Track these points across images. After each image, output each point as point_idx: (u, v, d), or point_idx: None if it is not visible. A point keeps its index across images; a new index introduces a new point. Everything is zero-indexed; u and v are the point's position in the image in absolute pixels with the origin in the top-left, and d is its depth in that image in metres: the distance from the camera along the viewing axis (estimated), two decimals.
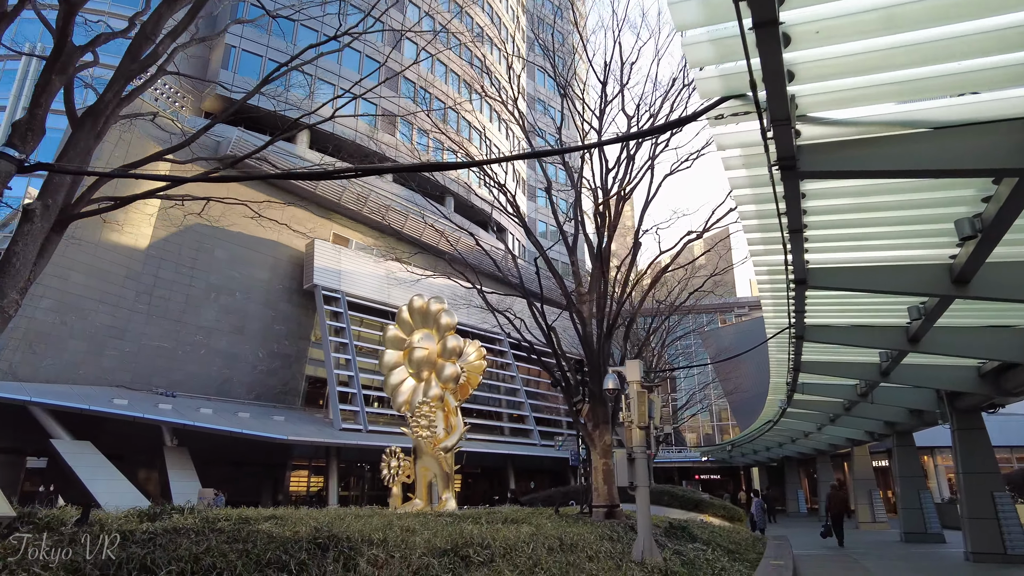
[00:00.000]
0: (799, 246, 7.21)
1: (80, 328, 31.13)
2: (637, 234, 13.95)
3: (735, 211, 9.01)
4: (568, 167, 14.18)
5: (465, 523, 8.02)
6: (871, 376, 13.59)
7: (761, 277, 9.24)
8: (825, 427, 24.08)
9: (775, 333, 11.44)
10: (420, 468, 27.85)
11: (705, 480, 56.06)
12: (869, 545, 19.35)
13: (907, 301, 9.43)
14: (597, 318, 12.96)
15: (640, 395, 8.41)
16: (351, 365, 38.52)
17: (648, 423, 8.53)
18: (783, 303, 9.97)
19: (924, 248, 7.76)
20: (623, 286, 13.63)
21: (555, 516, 11.56)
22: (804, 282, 8.16)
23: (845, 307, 10.38)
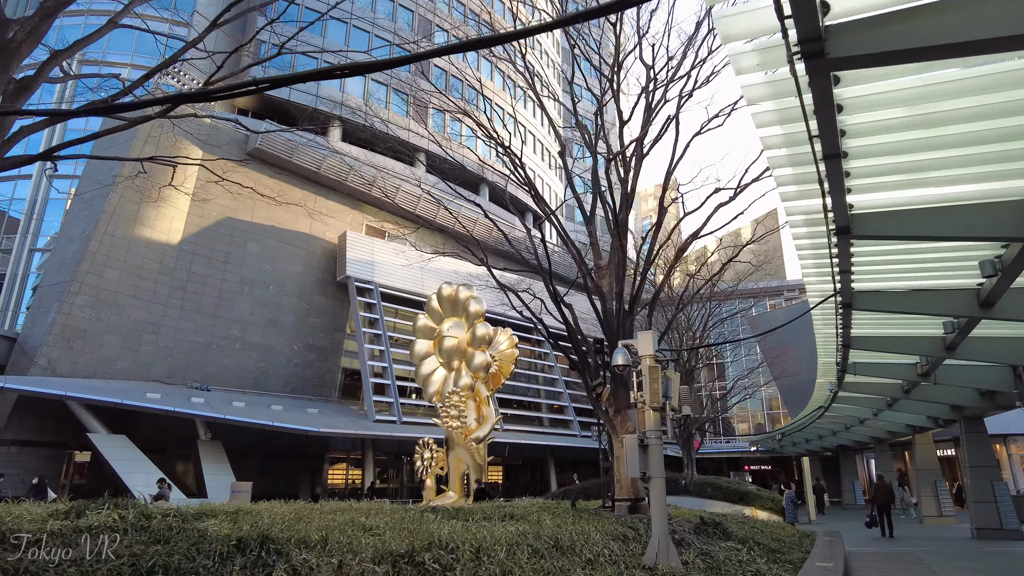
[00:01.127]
0: (838, 181, 5.84)
1: (116, 324, 31.49)
2: (662, 201, 12.59)
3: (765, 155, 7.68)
4: (581, 125, 12.82)
5: (451, 520, 6.96)
6: (934, 352, 11.91)
7: (798, 231, 7.86)
8: (882, 412, 22.10)
9: (818, 302, 9.97)
10: (453, 459, 27.11)
11: (755, 471, 53.77)
12: (935, 542, 17.48)
13: (978, 254, 7.88)
14: (616, 291, 11.70)
15: (652, 371, 7.18)
16: (385, 356, 38.07)
17: (663, 404, 7.30)
18: (825, 264, 8.55)
19: (1000, 180, 6.27)
20: (647, 257, 12.35)
21: (571, 511, 10.40)
22: (847, 231, 6.76)
23: (900, 266, 8.87)
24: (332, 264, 41.32)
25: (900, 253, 8.26)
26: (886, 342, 12.36)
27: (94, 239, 30.82)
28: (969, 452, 19.00)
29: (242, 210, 37.91)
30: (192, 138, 36.44)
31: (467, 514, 8.03)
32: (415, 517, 7.01)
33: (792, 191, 6.70)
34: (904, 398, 17.78)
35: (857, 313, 11.20)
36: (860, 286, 9.54)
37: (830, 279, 9.00)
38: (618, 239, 11.79)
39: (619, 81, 12.37)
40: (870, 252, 8.32)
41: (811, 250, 8.36)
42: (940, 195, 6.52)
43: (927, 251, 8.09)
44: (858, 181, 6.30)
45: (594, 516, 9.75)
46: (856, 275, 9.14)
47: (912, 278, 9.16)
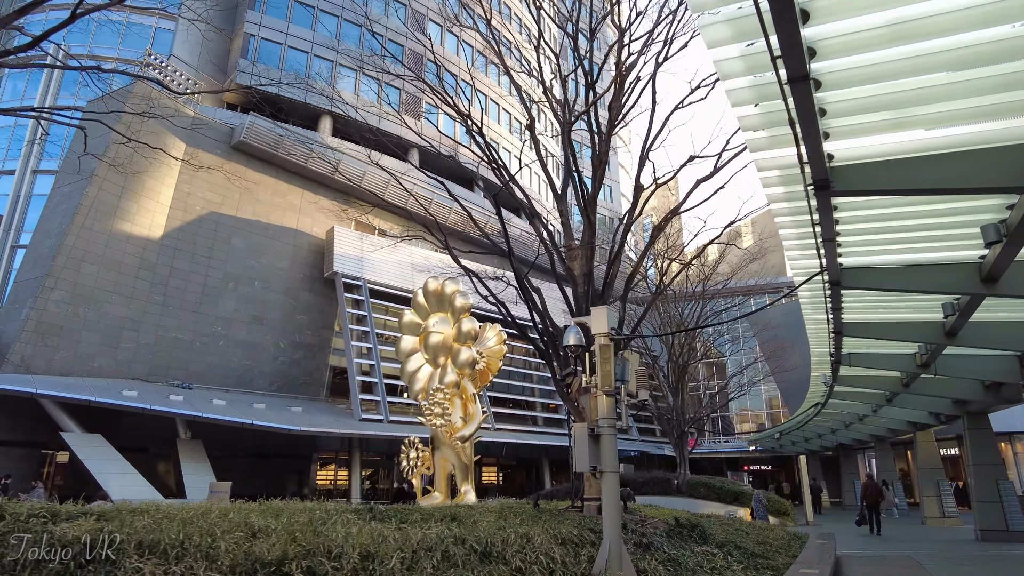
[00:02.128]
0: (811, 117, 4.89)
1: (94, 320, 30.66)
2: (638, 179, 11.64)
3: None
4: (548, 92, 11.80)
5: (373, 523, 6.04)
6: (933, 338, 10.96)
7: (773, 192, 6.92)
8: (882, 409, 21.12)
9: (803, 281, 9.02)
10: (439, 459, 26.19)
11: (755, 471, 52.74)
12: (937, 545, 16.50)
13: (980, 219, 6.92)
14: (585, 272, 10.74)
15: (604, 350, 6.26)
16: (373, 354, 37.18)
17: (618, 388, 6.39)
18: (808, 234, 7.62)
19: (1003, 117, 5.30)
20: (621, 239, 11.41)
21: (534, 511, 9.47)
22: (827, 185, 5.82)
23: (891, 235, 7.93)
24: (320, 260, 40.48)
25: (890, 219, 7.32)
26: (881, 328, 11.40)
27: (70, 233, 30.01)
28: (973, 450, 18.01)
29: (227, 204, 37.10)
30: (175, 131, 35.69)
31: (405, 515, 7.09)
32: (335, 519, 6.08)
33: (762, 138, 5.75)
34: (904, 392, 16.81)
35: (848, 295, 10.27)
36: (848, 261, 8.59)
37: (814, 252, 8.06)
38: (587, 215, 10.82)
39: (589, 41, 11.43)
40: (857, 219, 7.39)
41: (790, 216, 7.41)
42: (932, 140, 5.57)
43: (921, 216, 7.14)
44: (836, 122, 5.36)
45: (554, 517, 8.82)
46: (844, 248, 8.21)
47: (906, 250, 8.21)
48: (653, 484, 24.86)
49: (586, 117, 11.18)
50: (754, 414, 57.75)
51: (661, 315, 29.39)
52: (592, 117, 11.01)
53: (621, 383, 6.43)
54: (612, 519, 6.08)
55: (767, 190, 6.77)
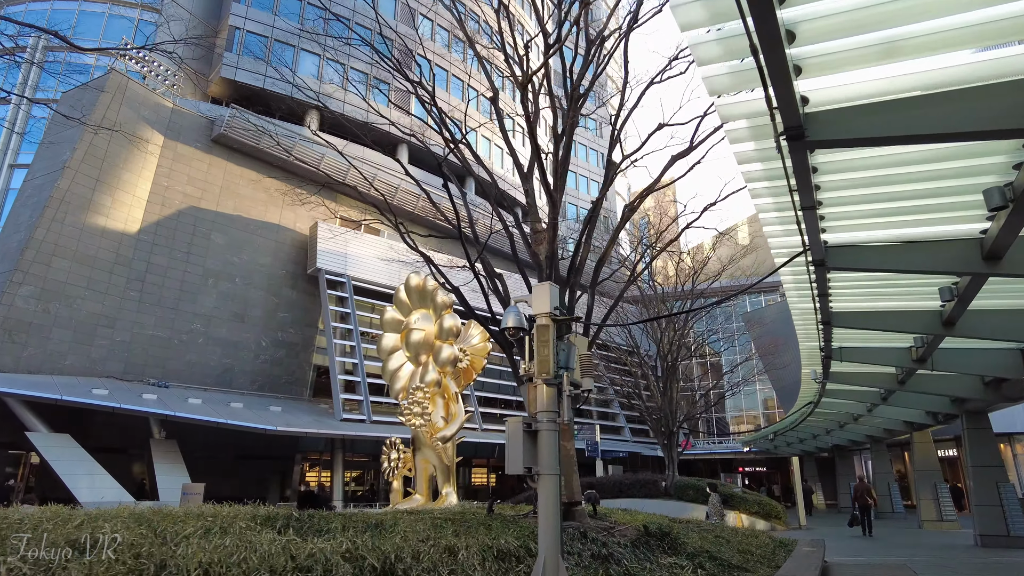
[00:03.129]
0: (777, 50, 3.97)
1: (65, 316, 29.67)
2: (610, 157, 10.71)
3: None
4: (508, 57, 10.76)
5: (263, 532, 5.11)
6: (930, 328, 10.05)
7: (743, 151, 6.00)
8: (877, 408, 20.22)
9: (784, 262, 8.09)
10: (420, 460, 25.24)
11: (750, 473, 51.87)
12: (934, 551, 15.57)
13: (982, 182, 6.00)
14: (548, 255, 9.79)
15: (542, 331, 5.34)
16: (356, 352, 36.24)
17: (559, 376, 5.47)
18: (784, 200, 6.69)
19: None
20: (591, 218, 10.49)
21: (487, 517, 8.59)
22: (801, 135, 4.90)
23: (882, 204, 7.01)
24: (303, 256, 39.53)
25: (880, 184, 6.41)
26: (873, 318, 10.48)
27: (40, 226, 29.04)
28: (972, 451, 17.10)
29: (206, 199, 36.15)
30: (153, 123, 34.78)
31: (323, 524, 6.16)
32: (216, 529, 5.15)
33: (722, 75, 4.82)
34: (900, 390, 15.90)
35: (837, 280, 9.36)
36: (834, 237, 7.68)
37: (795, 228, 7.14)
38: (549, 191, 9.82)
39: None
40: (841, 184, 6.48)
41: (765, 181, 6.49)
42: (926, 76, 4.65)
43: (915, 179, 6.21)
44: (809, 50, 4.44)
45: (504, 525, 7.91)
46: (828, 223, 7.31)
47: (898, 223, 7.30)
48: (640, 486, 23.95)
49: (548, 84, 10.24)
50: (750, 415, 56.84)
51: (650, 312, 28.50)
52: (568, 85, 9.98)
53: (564, 371, 5.52)
54: (549, 531, 5.16)
55: (735, 147, 5.85)
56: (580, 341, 5.75)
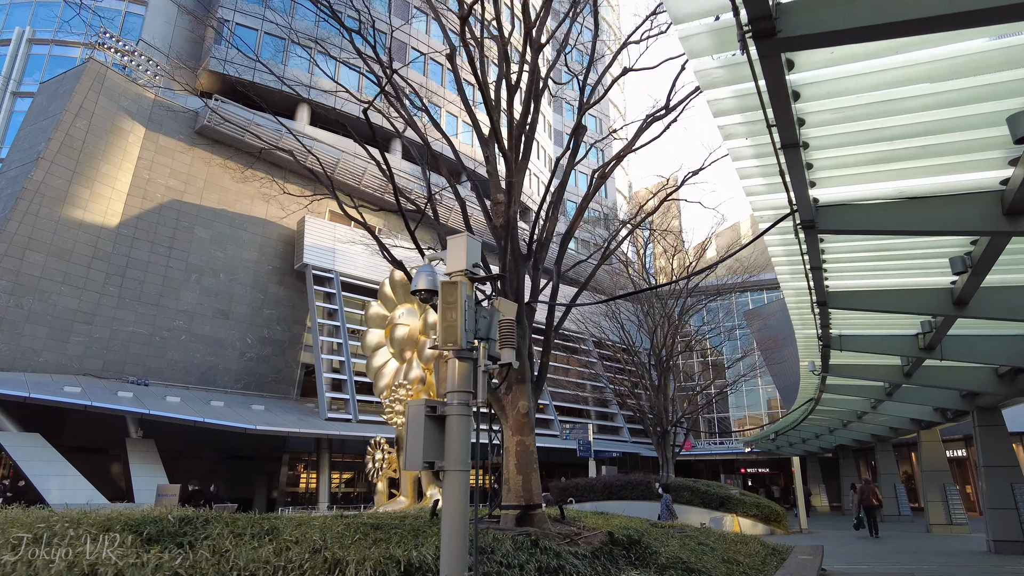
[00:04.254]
0: None
1: (40, 312, 28.71)
2: (579, 122, 9.56)
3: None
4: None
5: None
6: (939, 308, 8.88)
7: (701, 68, 4.86)
8: (882, 404, 19.02)
9: (768, 227, 6.95)
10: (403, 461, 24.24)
11: (752, 474, 50.56)
12: (943, 558, 14.36)
13: (1000, 108, 4.86)
14: (502, 223, 8.62)
15: (450, 291, 4.21)
16: (343, 350, 35.19)
17: (472, 348, 4.36)
18: (764, 142, 5.56)
19: None
20: (559, 189, 9.35)
21: (429, 523, 7.47)
22: (771, 32, 3.76)
23: (879, 147, 5.85)
24: (291, 251, 38.51)
25: (876, 116, 5.25)
26: (874, 298, 9.29)
27: (13, 219, 28.08)
28: (984, 450, 15.89)
29: (190, 192, 35.17)
30: (134, 114, 33.83)
31: (198, 529, 5.04)
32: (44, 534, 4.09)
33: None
34: (906, 383, 14.70)
35: (831, 251, 8.22)
36: (825, 193, 6.54)
37: (779, 182, 5.99)
38: (501, 147, 8.56)
39: None
40: (829, 117, 5.33)
41: (739, 114, 5.35)
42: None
43: (923, 106, 5.06)
44: None
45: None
46: (817, 171, 6.16)
47: (900, 174, 6.13)
48: (632, 488, 22.78)
49: (498, 22, 9.03)
50: (753, 415, 55.51)
51: (645, 310, 27.30)
52: (528, 24, 8.78)
53: (483, 341, 4.41)
54: (454, 546, 4.03)
55: (695, 64, 4.72)
56: (506, 306, 4.63)
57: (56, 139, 29.75)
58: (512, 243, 8.52)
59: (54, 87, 32.37)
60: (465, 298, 4.31)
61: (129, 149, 33.10)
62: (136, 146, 33.49)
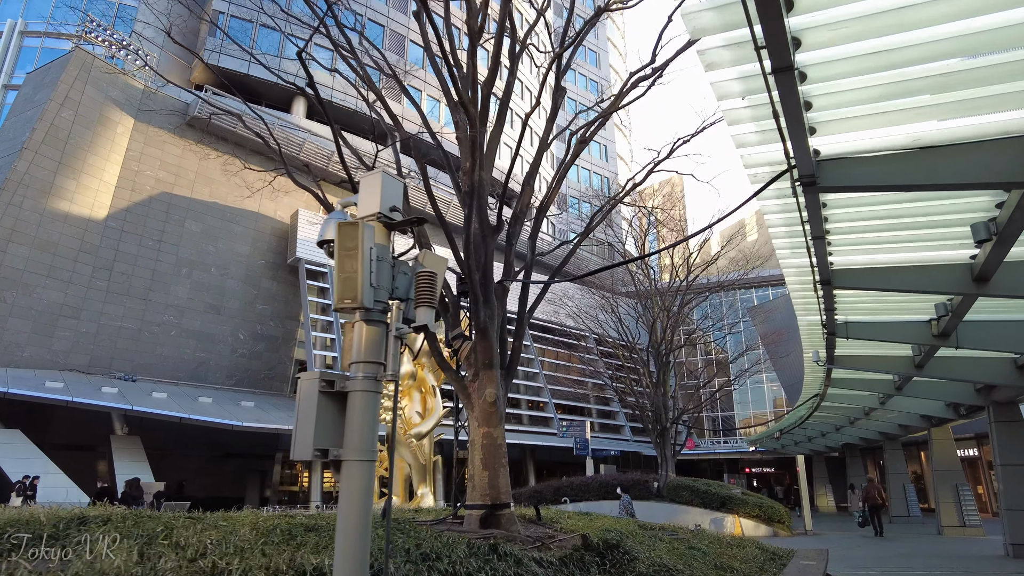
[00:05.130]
0: None
1: (24, 306, 28.04)
2: (558, 80, 8.67)
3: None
4: None
5: None
6: (957, 286, 7.95)
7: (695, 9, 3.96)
8: (891, 400, 18.04)
9: (765, 184, 6.04)
10: (395, 459, 23.54)
11: (757, 473, 49.49)
12: (957, 562, 13.39)
13: None
14: (466, 188, 7.69)
15: (348, 233, 3.30)
16: (336, 345, 34.40)
17: (383, 308, 3.49)
18: (756, 83, 4.67)
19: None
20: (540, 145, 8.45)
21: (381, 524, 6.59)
22: None
23: (885, 84, 4.93)
24: (284, 246, 37.74)
25: (881, 34, 4.34)
26: (884, 275, 8.35)
27: None
28: (1001, 446, 14.91)
29: (180, 185, 34.45)
30: (123, 105, 33.13)
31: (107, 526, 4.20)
32: None
33: None
34: (917, 375, 13.75)
35: (835, 217, 7.29)
36: (828, 143, 5.63)
37: (772, 125, 5.09)
38: (464, 104, 7.61)
39: None
40: (830, 36, 4.41)
41: (721, 34, 4.45)
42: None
43: (950, 6, 4.14)
44: None
45: (393, 534, 5.94)
46: (817, 110, 5.25)
47: (917, 115, 5.21)
48: (628, 487, 21.85)
49: None
50: (758, 414, 54.43)
51: (646, 307, 26.27)
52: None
53: (400, 301, 3.54)
54: (351, 549, 3.17)
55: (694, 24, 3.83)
56: (432, 260, 3.76)
57: (41, 129, 29.08)
58: (480, 213, 7.65)
59: (40, 77, 31.72)
60: (372, 246, 3.43)
61: (117, 140, 32.41)
62: (125, 137, 32.80)
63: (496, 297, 8.13)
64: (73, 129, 30.35)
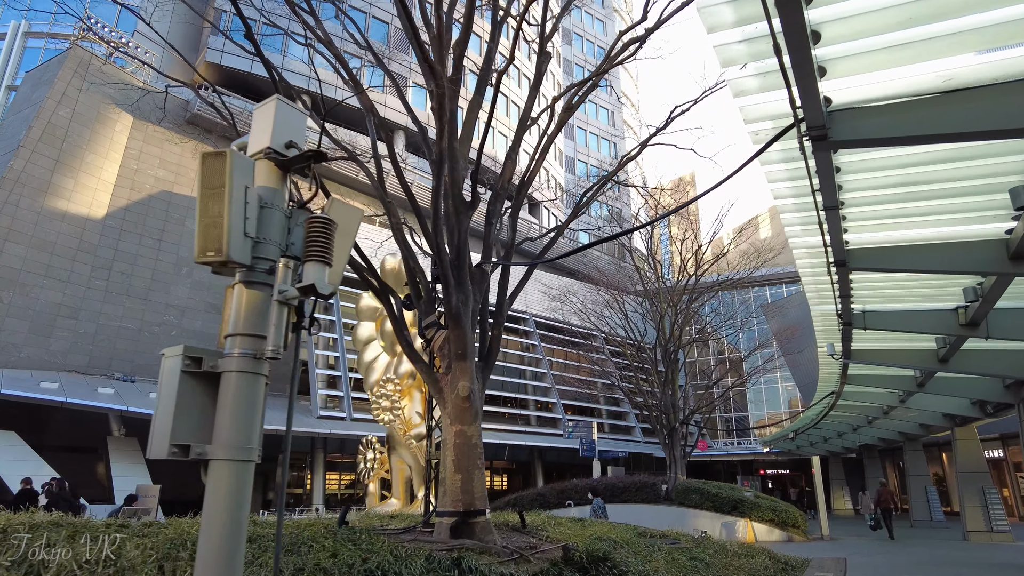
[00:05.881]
0: None
1: (21, 306, 27.67)
2: (542, 45, 7.89)
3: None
4: None
5: None
6: (990, 264, 7.04)
7: None
8: (912, 397, 17.00)
9: (769, 141, 5.19)
10: (396, 461, 22.75)
11: (772, 475, 48.24)
12: (990, 571, 12.39)
13: None
14: (435, 155, 6.86)
15: (215, 165, 2.51)
16: (338, 345, 33.83)
17: (269, 265, 2.73)
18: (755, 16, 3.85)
19: None
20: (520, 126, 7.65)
21: (333, 531, 5.89)
22: None
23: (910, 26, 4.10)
24: None
25: None
26: (905, 255, 7.45)
27: None
28: None
29: (180, 183, 34.03)
30: (121, 103, 32.76)
31: None
32: None
33: None
34: (940, 371, 12.79)
35: (852, 192, 6.43)
36: (842, 86, 4.79)
37: (772, 58, 4.27)
38: (423, 49, 6.73)
39: None
40: None
41: None
42: None
43: None
44: None
45: (341, 543, 5.20)
46: (826, 45, 4.42)
47: (949, 46, 4.36)
48: (635, 490, 20.99)
49: None
50: (772, 414, 53.15)
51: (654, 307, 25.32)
52: None
53: (297, 260, 2.77)
54: (217, 566, 2.40)
55: None
56: (342, 210, 2.99)
57: (37, 127, 28.74)
58: (454, 188, 6.86)
59: (38, 75, 31.44)
60: (248, 185, 2.66)
61: (116, 138, 32.05)
62: (124, 135, 32.43)
63: (473, 282, 7.35)
64: (71, 127, 30.01)
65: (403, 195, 7.82)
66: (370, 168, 8.31)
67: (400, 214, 8.25)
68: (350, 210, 3.06)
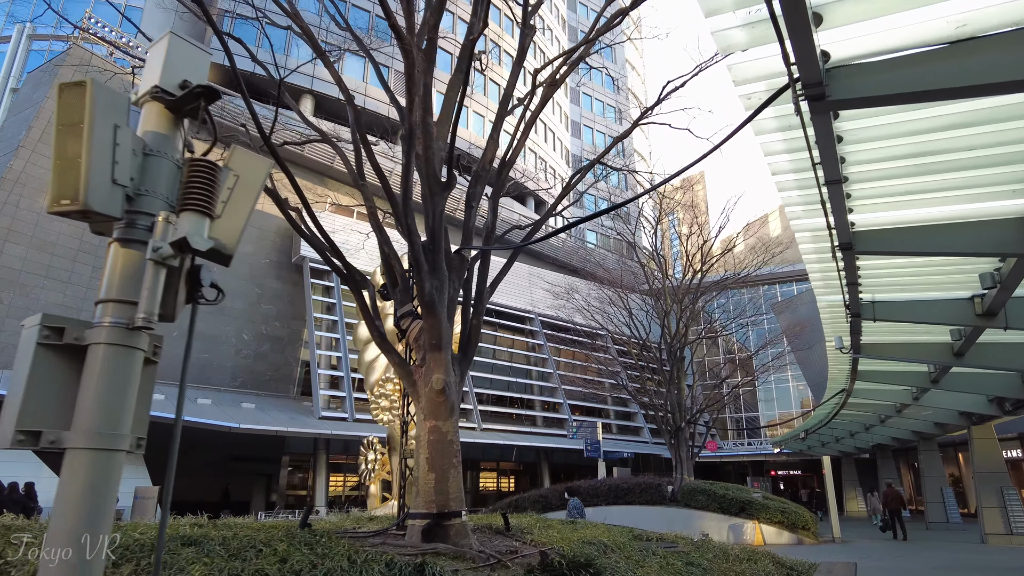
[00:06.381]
0: None
1: (21, 307, 27.50)
2: (526, 18, 7.42)
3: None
4: None
5: None
6: (1011, 244, 6.51)
7: None
8: (926, 394, 16.37)
9: (763, 103, 4.71)
10: (397, 462, 22.53)
11: (783, 476, 47.47)
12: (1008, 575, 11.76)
13: None
14: (406, 130, 6.39)
15: (72, 95, 2.02)
16: (340, 345, 33.50)
17: (150, 220, 2.29)
18: None
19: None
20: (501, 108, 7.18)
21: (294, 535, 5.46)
22: None
23: None
24: (289, 245, 36.95)
25: None
26: (917, 236, 6.91)
27: None
28: None
29: None
30: None
31: None
32: None
33: None
34: (956, 366, 12.18)
35: (857, 166, 5.94)
36: (841, 38, 4.30)
37: (762, 5, 3.79)
38: (407, 35, 6.23)
39: None
40: None
41: None
42: None
43: None
44: None
45: (295, 547, 4.76)
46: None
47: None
48: (640, 491, 20.46)
49: None
50: (783, 414, 52.31)
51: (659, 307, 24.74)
52: None
53: (172, 215, 2.32)
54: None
55: None
56: (244, 160, 2.55)
57: (37, 127, 28.63)
58: (428, 167, 6.42)
59: (39, 76, 31.38)
60: (119, 124, 2.22)
61: None
62: None
63: (452, 269, 6.90)
64: None
65: (378, 182, 7.39)
66: (344, 151, 7.89)
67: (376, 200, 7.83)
68: (256, 160, 2.63)
